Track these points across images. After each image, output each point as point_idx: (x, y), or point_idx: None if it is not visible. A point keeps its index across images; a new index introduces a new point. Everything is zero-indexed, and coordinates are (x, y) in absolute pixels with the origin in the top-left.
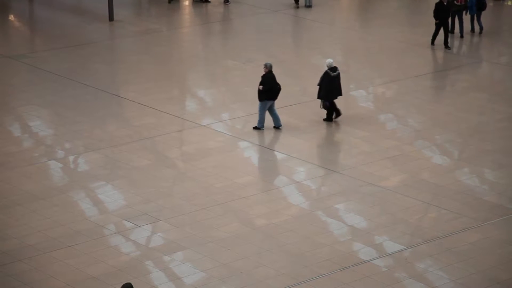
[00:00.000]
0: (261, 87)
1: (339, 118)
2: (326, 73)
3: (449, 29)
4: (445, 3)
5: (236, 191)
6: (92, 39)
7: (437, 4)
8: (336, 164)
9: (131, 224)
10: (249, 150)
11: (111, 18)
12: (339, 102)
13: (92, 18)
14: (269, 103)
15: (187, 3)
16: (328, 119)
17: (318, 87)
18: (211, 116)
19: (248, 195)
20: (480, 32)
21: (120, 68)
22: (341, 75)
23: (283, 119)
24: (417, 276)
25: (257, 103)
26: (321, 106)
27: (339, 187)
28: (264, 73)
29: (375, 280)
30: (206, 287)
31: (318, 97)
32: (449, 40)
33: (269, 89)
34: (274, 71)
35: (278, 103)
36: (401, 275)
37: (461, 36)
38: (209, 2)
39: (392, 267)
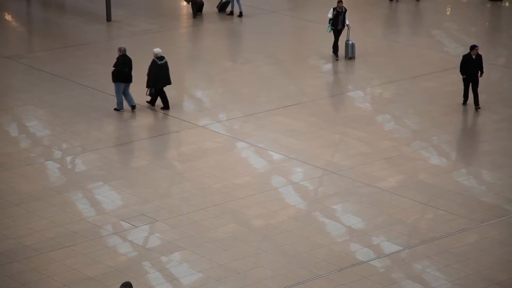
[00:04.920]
0: (113, 68)
1: (169, 111)
2: (153, 62)
3: (478, 86)
4: (473, 57)
5: (233, 192)
6: (90, 39)
7: (464, 57)
8: (333, 165)
9: (128, 224)
10: (246, 151)
11: (108, 18)
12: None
13: (90, 19)
14: (122, 86)
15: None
16: (152, 103)
17: (147, 76)
18: (209, 117)
19: (246, 196)
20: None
21: None
22: (339, 76)
23: (280, 119)
24: (414, 277)
25: (253, 102)
26: (147, 94)
27: (337, 188)
28: (118, 55)
29: (372, 281)
30: (203, 287)
31: (147, 86)
32: (479, 98)
33: (120, 71)
34: (272, 71)
35: (277, 104)
36: (398, 276)
37: None
38: (242, 16)
39: (390, 267)
